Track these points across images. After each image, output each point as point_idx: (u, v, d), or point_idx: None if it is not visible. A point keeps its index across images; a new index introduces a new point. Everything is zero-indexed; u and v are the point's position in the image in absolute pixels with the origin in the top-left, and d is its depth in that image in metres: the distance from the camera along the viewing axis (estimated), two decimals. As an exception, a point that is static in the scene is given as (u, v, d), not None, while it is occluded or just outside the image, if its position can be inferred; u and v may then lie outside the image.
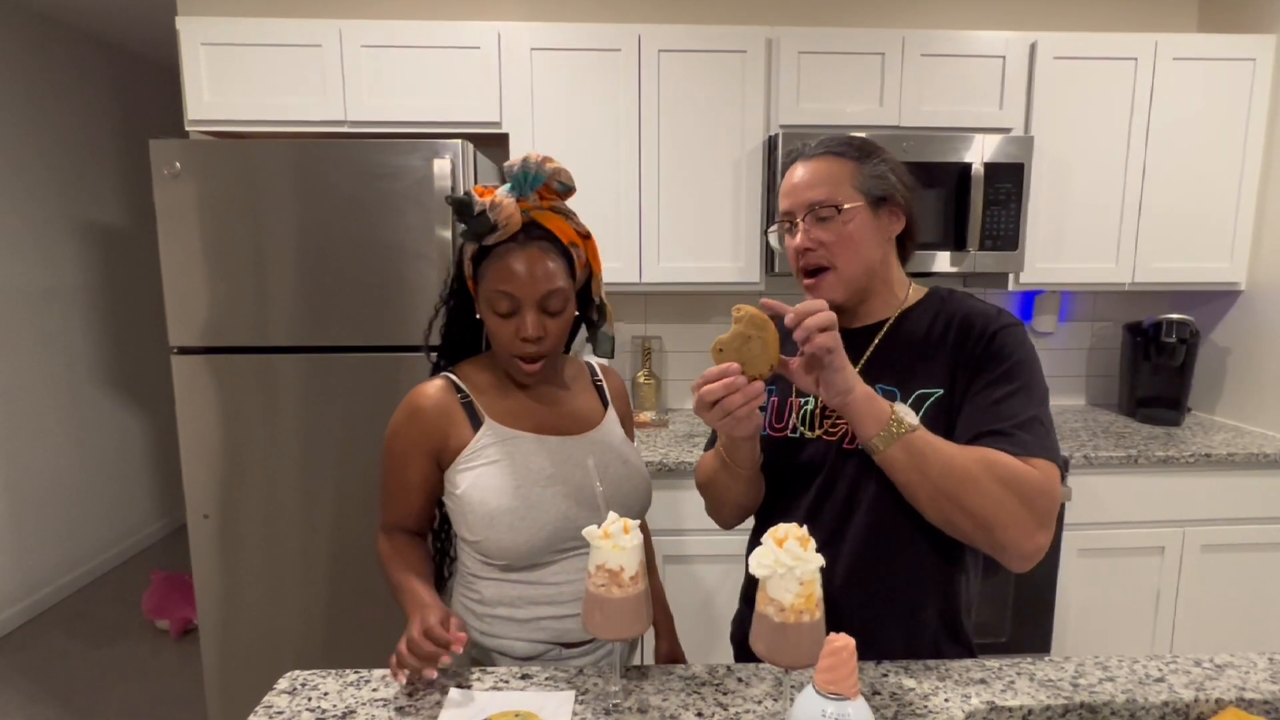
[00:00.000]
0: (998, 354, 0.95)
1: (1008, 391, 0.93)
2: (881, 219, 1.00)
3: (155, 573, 2.99)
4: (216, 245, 1.82)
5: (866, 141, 1.03)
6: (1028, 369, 0.95)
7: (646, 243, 2.17)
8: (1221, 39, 2.20)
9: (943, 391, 0.97)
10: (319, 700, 0.90)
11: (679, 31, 2.10)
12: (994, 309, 1.00)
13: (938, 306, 1.03)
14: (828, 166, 1.00)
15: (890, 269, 1.04)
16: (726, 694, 0.91)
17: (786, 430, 1.06)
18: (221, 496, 1.90)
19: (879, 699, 0.88)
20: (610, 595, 0.83)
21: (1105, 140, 2.21)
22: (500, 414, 1.07)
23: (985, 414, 0.93)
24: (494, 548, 1.03)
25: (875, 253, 1.00)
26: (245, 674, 1.96)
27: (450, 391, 1.06)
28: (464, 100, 2.09)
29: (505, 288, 0.99)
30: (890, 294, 1.05)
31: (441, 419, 1.04)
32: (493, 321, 1.03)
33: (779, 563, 0.75)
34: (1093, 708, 0.87)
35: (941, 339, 0.99)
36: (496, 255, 1.01)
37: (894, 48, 2.13)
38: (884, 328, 1.03)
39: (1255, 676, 0.92)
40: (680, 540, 2.00)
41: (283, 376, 1.87)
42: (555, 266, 1.02)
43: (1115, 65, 2.18)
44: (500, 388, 1.09)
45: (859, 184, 0.98)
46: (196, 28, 2.04)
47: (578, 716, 0.86)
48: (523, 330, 1.00)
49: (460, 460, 1.04)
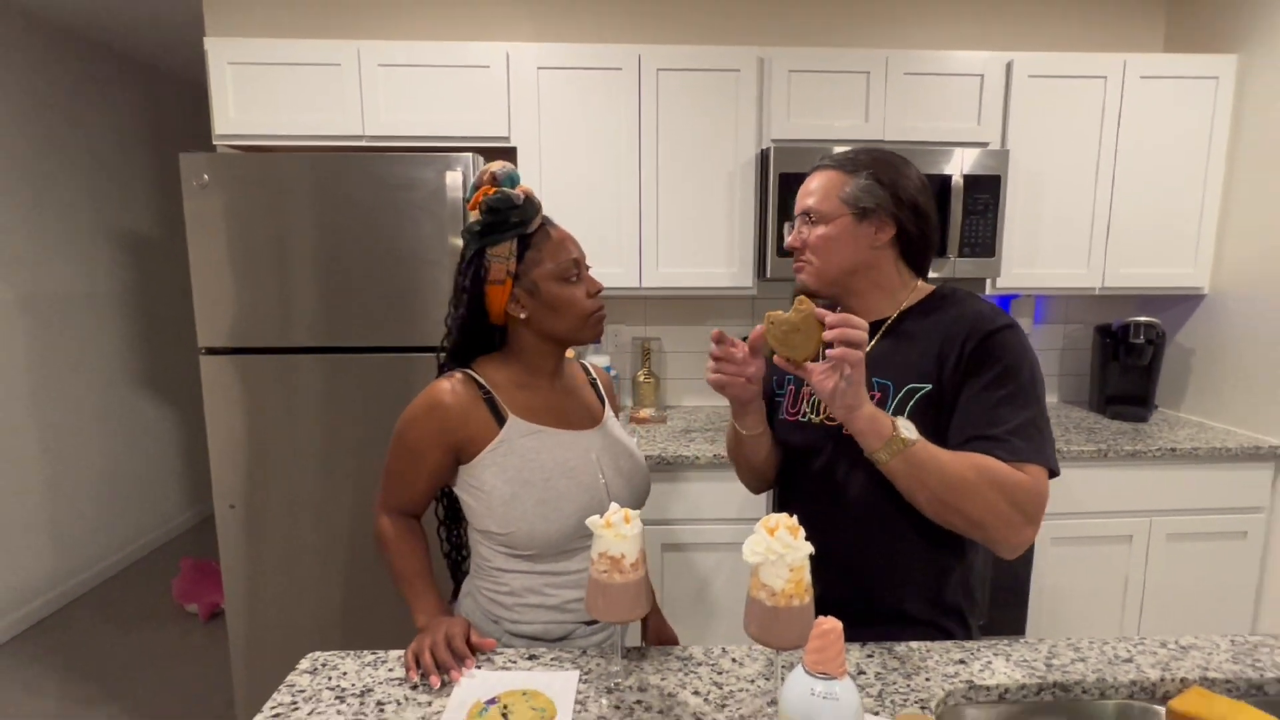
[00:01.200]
0: (991, 356, 0.95)
1: (1002, 396, 0.93)
2: (866, 228, 1.02)
3: (184, 560, 2.99)
4: (242, 252, 1.82)
5: (876, 157, 1.04)
6: (1022, 372, 0.94)
7: (646, 249, 2.17)
8: (1186, 59, 2.19)
9: (931, 387, 0.98)
10: (338, 679, 0.90)
11: (677, 51, 2.10)
12: (991, 310, 1.00)
13: (938, 306, 1.04)
14: (823, 179, 1.05)
15: (881, 272, 1.05)
16: (721, 673, 0.91)
17: (799, 415, 1.10)
18: (247, 488, 1.90)
19: (864, 678, 0.88)
20: (612, 581, 0.83)
21: (1077, 153, 2.21)
22: (521, 409, 1.05)
23: (981, 418, 0.94)
24: (524, 539, 1.01)
25: (854, 256, 1.03)
26: (269, 655, 1.96)
27: (472, 387, 1.04)
28: (474, 116, 2.09)
29: (573, 255, 1.04)
30: (886, 294, 1.06)
31: (464, 414, 1.02)
32: (566, 292, 1.03)
33: (770, 550, 0.75)
34: (1065, 686, 0.87)
35: (938, 337, 1.00)
36: (543, 235, 1.04)
37: (878, 67, 2.13)
38: (884, 325, 1.05)
39: (1218, 657, 0.92)
40: (677, 530, 2.00)
41: (304, 375, 1.87)
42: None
43: (1086, 83, 2.18)
44: (518, 384, 1.08)
45: (844, 195, 1.02)
46: (223, 48, 2.04)
47: (582, 695, 0.86)
48: (593, 286, 1.06)
49: (484, 455, 1.02)
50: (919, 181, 1.04)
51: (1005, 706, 0.87)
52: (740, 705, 0.84)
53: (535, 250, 1.02)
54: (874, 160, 1.03)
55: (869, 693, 0.85)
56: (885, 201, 1.01)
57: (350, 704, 0.85)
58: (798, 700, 0.65)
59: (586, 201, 2.15)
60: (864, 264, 1.03)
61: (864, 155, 1.05)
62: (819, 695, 0.64)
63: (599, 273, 2.10)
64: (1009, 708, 0.87)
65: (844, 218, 1.02)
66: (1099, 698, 0.87)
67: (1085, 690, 0.87)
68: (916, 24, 2.44)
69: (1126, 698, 0.87)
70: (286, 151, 2.03)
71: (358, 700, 0.86)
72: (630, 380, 2.52)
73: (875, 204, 1.01)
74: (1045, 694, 0.87)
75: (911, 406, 0.98)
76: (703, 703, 0.85)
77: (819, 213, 1.03)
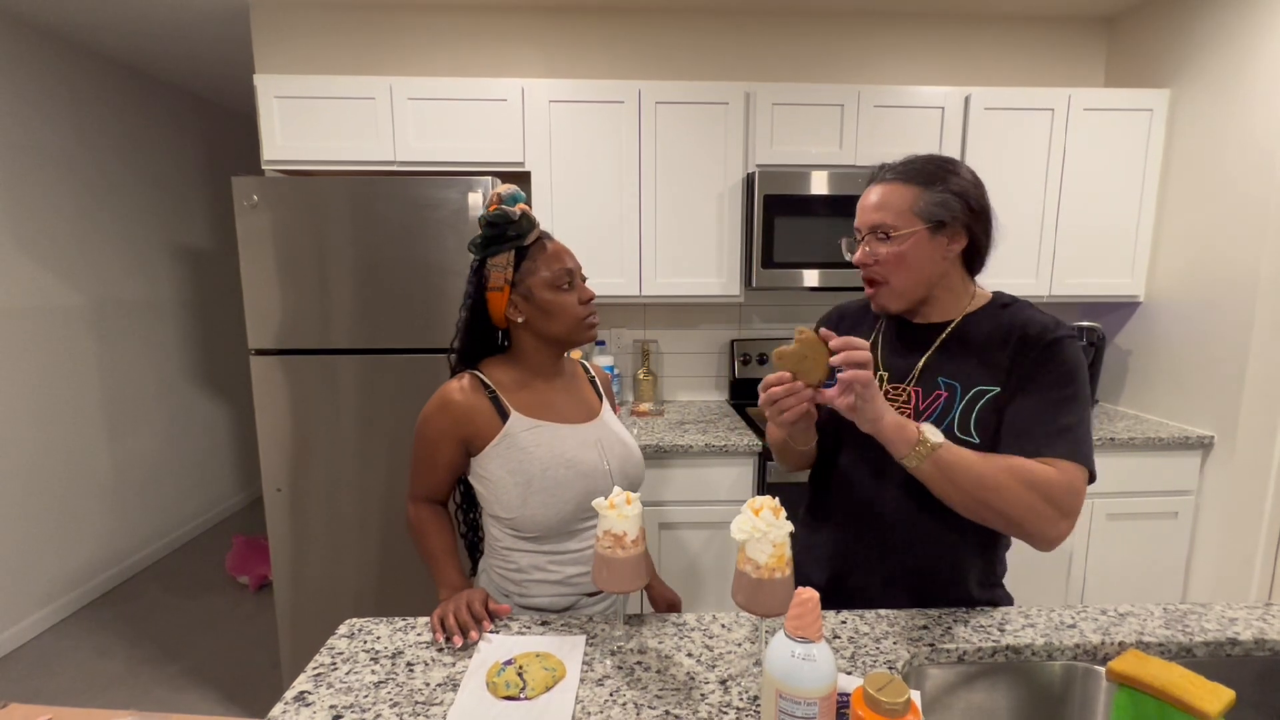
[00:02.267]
0: (1052, 361, 0.89)
1: (1054, 399, 0.88)
2: (940, 240, 0.92)
3: (236, 537, 2.99)
4: (288, 264, 1.82)
5: (940, 166, 0.93)
6: (1075, 379, 0.88)
7: (645, 261, 2.17)
8: (1124, 93, 2.19)
9: (999, 390, 0.91)
10: (373, 643, 0.90)
11: (673, 87, 2.10)
12: (1053, 320, 0.93)
13: (999, 313, 0.96)
14: (894, 192, 0.93)
15: (952, 279, 0.97)
16: (712, 638, 0.91)
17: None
18: (292, 473, 1.90)
19: (839, 642, 0.88)
20: (615, 556, 0.83)
21: (1027, 176, 2.21)
22: (523, 406, 1.05)
23: (1031, 417, 0.88)
24: (528, 523, 1.01)
25: (930, 270, 0.94)
26: (311, 621, 1.96)
27: (478, 387, 1.04)
28: (493, 144, 2.08)
29: (566, 265, 1.03)
30: (953, 299, 0.97)
31: (471, 411, 1.02)
32: (558, 299, 1.02)
33: (755, 529, 0.75)
34: (1016, 649, 0.87)
35: (1003, 343, 0.92)
36: (539, 247, 1.03)
37: (851, 100, 2.13)
38: (948, 328, 0.97)
39: (1152, 623, 0.92)
40: (672, 510, 1.99)
41: (343, 374, 1.87)
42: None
43: (1035, 114, 2.18)
44: (521, 383, 1.07)
45: (920, 210, 0.91)
46: (271, 83, 2.04)
47: (588, 656, 0.86)
48: (584, 295, 1.04)
49: (490, 448, 1.02)
50: (981, 185, 0.94)
51: (964, 667, 0.87)
52: (729, 666, 0.84)
53: (531, 260, 1.02)
54: (943, 171, 0.92)
55: (843, 655, 0.85)
56: (960, 213, 0.91)
57: (383, 664, 0.85)
58: (780, 661, 0.65)
59: (592, 219, 2.14)
60: (939, 275, 0.95)
61: (931, 165, 0.93)
62: (799, 657, 0.64)
63: (604, 282, 2.13)
64: (967, 668, 0.87)
65: (919, 232, 0.91)
66: (1046, 659, 0.87)
67: (1034, 653, 0.87)
68: (885, 62, 2.44)
69: (1071, 659, 0.87)
70: (327, 175, 2.02)
71: (390, 661, 0.86)
72: (631, 378, 2.52)
73: (951, 216, 0.91)
74: (999, 656, 0.87)
75: (980, 408, 0.91)
76: (695, 663, 0.85)
77: (892, 228, 0.91)
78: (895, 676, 0.64)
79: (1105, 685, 0.85)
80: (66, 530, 2.71)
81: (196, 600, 2.81)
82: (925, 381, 0.97)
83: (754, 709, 0.76)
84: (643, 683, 0.81)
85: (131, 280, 3.07)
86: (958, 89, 2.16)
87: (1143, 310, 2.34)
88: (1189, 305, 2.15)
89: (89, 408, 2.83)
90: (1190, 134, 2.14)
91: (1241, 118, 1.96)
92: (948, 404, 0.94)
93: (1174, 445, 2.06)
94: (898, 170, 0.94)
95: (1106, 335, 2.36)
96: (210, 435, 3.64)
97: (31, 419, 2.56)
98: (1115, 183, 2.23)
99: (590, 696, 0.78)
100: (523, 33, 2.35)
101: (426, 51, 2.34)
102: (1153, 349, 2.30)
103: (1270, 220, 1.89)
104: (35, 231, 2.57)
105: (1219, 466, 2.04)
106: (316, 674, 0.83)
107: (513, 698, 0.77)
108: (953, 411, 0.93)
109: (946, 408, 0.94)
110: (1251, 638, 0.88)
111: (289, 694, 0.79)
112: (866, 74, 2.44)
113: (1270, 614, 0.94)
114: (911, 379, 0.98)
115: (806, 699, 0.63)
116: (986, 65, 2.47)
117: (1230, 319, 2.00)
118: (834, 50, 2.43)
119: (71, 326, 2.74)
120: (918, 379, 0.97)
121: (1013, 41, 2.46)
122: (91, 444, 2.84)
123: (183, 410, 3.41)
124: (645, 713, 0.75)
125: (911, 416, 0.96)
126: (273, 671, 2.29)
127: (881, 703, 0.61)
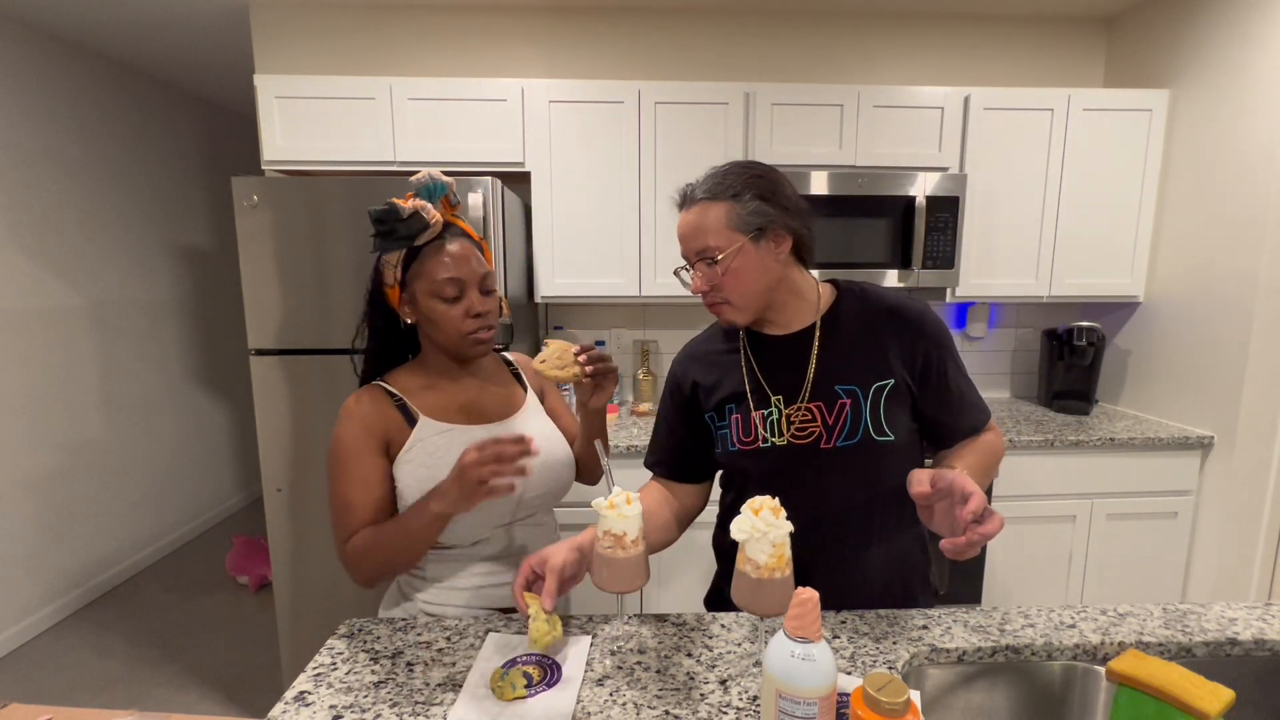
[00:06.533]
0: (933, 335, 0.95)
1: (956, 369, 0.97)
2: (766, 246, 0.91)
3: (236, 537, 2.99)
4: (288, 264, 1.82)
5: (741, 172, 0.92)
6: (953, 345, 0.98)
7: (645, 262, 2.17)
8: (1124, 93, 2.19)
9: (893, 381, 0.93)
10: (372, 643, 0.90)
11: (672, 87, 2.10)
12: (906, 296, 0.98)
13: (858, 303, 0.97)
14: (704, 214, 0.91)
15: (794, 279, 0.97)
16: (712, 638, 0.91)
17: (757, 442, 0.97)
18: (292, 473, 1.90)
19: (839, 642, 0.88)
20: (615, 556, 0.83)
21: (1027, 177, 2.21)
22: (432, 410, 0.99)
23: (948, 397, 0.96)
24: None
25: (768, 276, 0.93)
26: (311, 621, 1.96)
27: (382, 395, 0.98)
28: (493, 143, 2.08)
29: (452, 274, 0.94)
30: (802, 302, 0.97)
31: (380, 418, 0.97)
32: (440, 309, 0.95)
33: (755, 529, 0.75)
34: (1016, 649, 0.87)
35: (879, 333, 0.94)
36: (432, 250, 0.95)
37: (851, 100, 2.13)
38: (815, 332, 0.96)
39: (1151, 623, 0.92)
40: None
41: (343, 374, 1.87)
42: (479, 256, 0.99)
43: (1035, 115, 2.17)
44: (429, 387, 1.01)
45: (736, 223, 0.90)
46: (271, 83, 2.04)
47: (589, 656, 0.86)
48: (473, 308, 0.96)
49: (402, 455, 0.96)
50: (788, 181, 0.93)
51: (963, 667, 0.87)
52: (729, 666, 0.84)
53: (419, 264, 0.95)
54: (749, 178, 0.91)
55: (842, 655, 0.85)
56: (775, 215, 0.90)
57: (383, 664, 0.85)
58: (779, 661, 0.65)
59: (592, 219, 2.14)
60: (775, 279, 0.94)
61: (732, 176, 0.91)
62: (798, 657, 0.64)
63: (604, 282, 2.12)
64: (966, 668, 0.87)
65: (743, 244, 0.90)
66: (1046, 659, 0.87)
67: (1034, 652, 0.87)
68: (885, 62, 2.44)
69: (1070, 659, 0.87)
70: (327, 175, 2.02)
71: (389, 661, 0.86)
72: (631, 378, 2.52)
73: (768, 220, 0.90)
74: (999, 656, 0.87)
75: (884, 404, 0.92)
76: (695, 663, 0.85)
77: (717, 249, 0.90)
78: (895, 676, 0.64)
79: (1105, 685, 0.85)
80: (66, 530, 2.70)
81: (196, 600, 2.81)
82: (822, 394, 0.94)
83: (754, 709, 0.76)
84: (643, 683, 0.81)
85: (131, 280, 3.06)
86: (957, 89, 2.16)
87: (1142, 310, 2.34)
88: (1189, 305, 2.15)
89: (89, 407, 2.82)
90: (1190, 134, 2.14)
91: (1241, 118, 1.96)
92: (855, 410, 0.92)
93: (1174, 445, 2.06)
94: (704, 189, 0.92)
95: (1106, 335, 2.36)
96: (210, 435, 3.63)
97: (32, 419, 2.56)
98: (1115, 183, 2.23)
99: (590, 696, 0.78)
100: (523, 32, 2.35)
101: (426, 51, 2.34)
102: (1152, 349, 2.30)
103: (1270, 220, 1.89)
104: (35, 232, 2.57)
105: (1219, 466, 2.04)
106: (316, 674, 0.83)
107: (520, 698, 0.77)
108: (863, 416, 0.92)
109: (855, 415, 0.92)
110: (1251, 638, 0.88)
111: (289, 694, 0.79)
112: (866, 74, 2.44)
113: (1270, 614, 0.94)
114: (805, 395, 0.94)
115: (806, 699, 0.63)
116: (986, 65, 2.46)
117: (1230, 319, 2.00)
118: (834, 50, 2.43)
119: (71, 327, 2.74)
120: (812, 394, 0.94)
121: (1012, 41, 2.46)
122: (91, 444, 2.84)
123: (183, 410, 3.41)
124: (645, 713, 0.75)
125: (822, 433, 0.93)
126: (273, 671, 2.29)
127: (881, 703, 0.61)
